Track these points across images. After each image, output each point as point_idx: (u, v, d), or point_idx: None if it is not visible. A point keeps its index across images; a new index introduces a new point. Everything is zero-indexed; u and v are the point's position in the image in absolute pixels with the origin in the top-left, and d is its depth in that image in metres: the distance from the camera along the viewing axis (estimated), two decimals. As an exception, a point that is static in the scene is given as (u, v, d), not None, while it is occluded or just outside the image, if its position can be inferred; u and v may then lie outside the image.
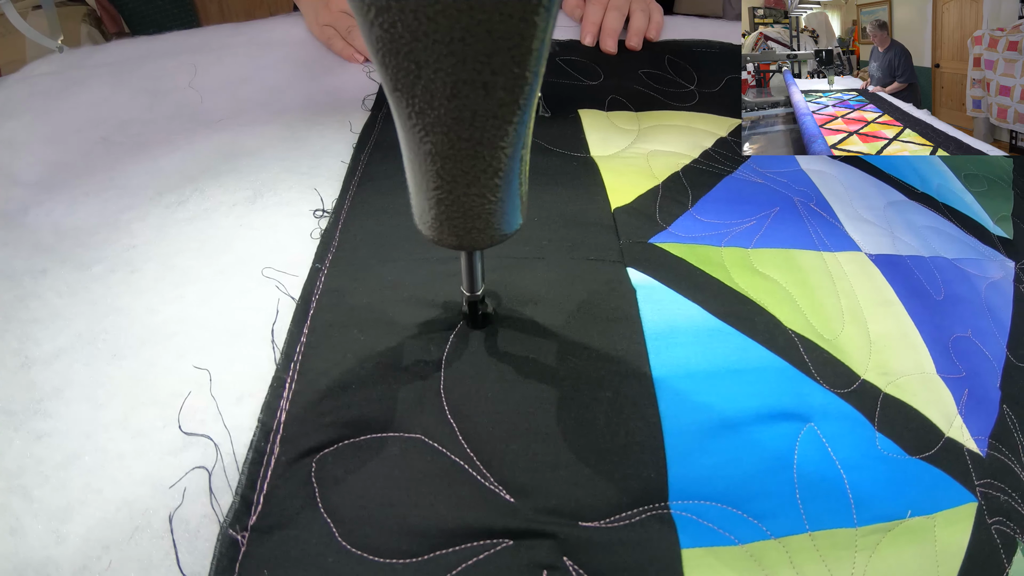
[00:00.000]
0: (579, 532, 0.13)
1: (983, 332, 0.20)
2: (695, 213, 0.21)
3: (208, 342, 0.17)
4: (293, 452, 0.14)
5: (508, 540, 0.13)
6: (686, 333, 0.17)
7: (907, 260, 0.22)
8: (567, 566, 0.13)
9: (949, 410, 0.18)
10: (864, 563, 0.14)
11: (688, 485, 0.14)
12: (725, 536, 0.14)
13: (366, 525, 0.13)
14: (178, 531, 0.13)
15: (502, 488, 0.14)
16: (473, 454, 0.14)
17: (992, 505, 0.16)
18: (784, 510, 0.14)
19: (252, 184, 0.22)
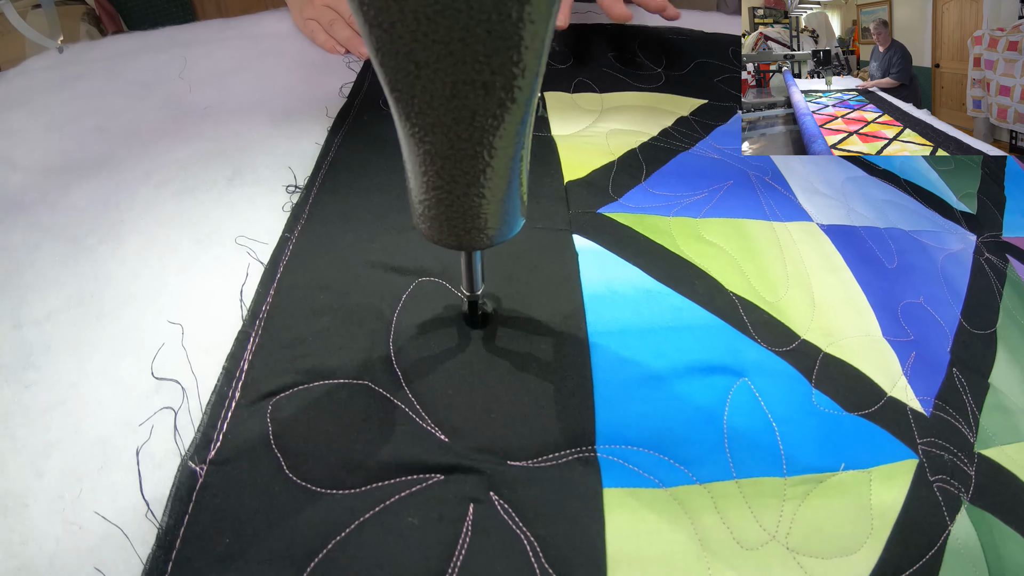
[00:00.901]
0: (506, 470, 0.14)
1: (936, 299, 0.21)
2: (647, 186, 0.23)
3: (184, 302, 0.19)
4: (252, 396, 0.16)
5: (440, 475, 0.14)
6: (624, 294, 0.18)
7: (860, 231, 0.23)
8: (493, 500, 0.14)
9: (893, 371, 0.19)
10: (792, 512, 0.15)
11: (615, 431, 0.15)
12: (649, 479, 0.15)
13: (311, 460, 0.15)
14: (144, 464, 0.15)
15: (437, 429, 0.15)
16: (413, 399, 0.16)
17: (935, 463, 0.17)
18: (711, 457, 0.15)
19: (233, 165, 0.25)
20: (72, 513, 0.15)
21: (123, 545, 0.14)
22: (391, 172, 0.23)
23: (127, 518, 0.15)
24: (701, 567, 0.14)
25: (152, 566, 0.13)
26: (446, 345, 0.17)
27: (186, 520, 0.14)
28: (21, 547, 0.14)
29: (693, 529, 0.14)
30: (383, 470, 0.14)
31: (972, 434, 0.18)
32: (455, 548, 0.13)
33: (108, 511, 0.15)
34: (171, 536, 0.14)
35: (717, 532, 0.14)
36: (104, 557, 0.14)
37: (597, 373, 0.16)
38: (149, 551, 0.14)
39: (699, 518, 0.14)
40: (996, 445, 0.18)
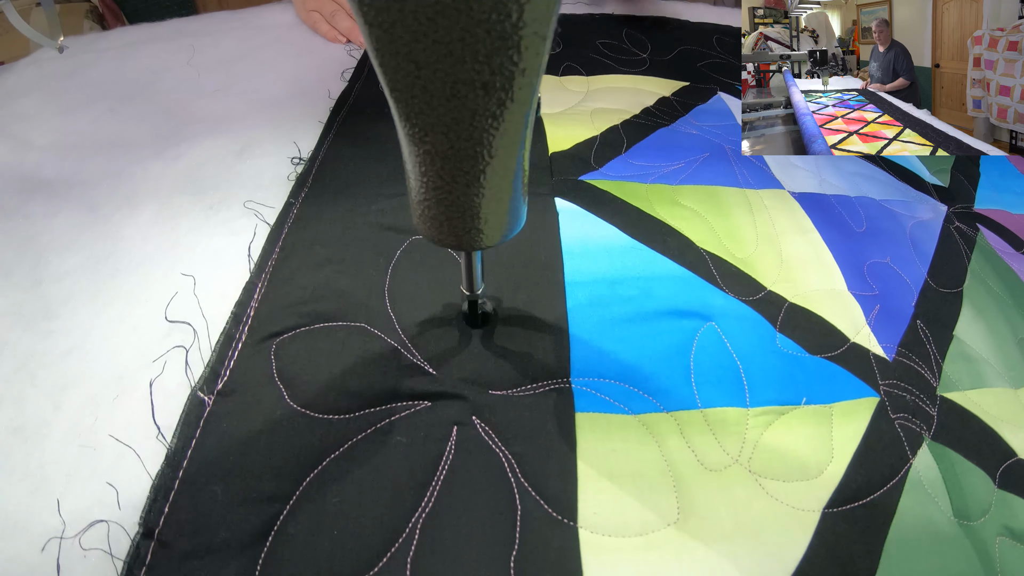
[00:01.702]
0: (488, 398, 0.16)
1: (903, 259, 0.23)
2: (628, 157, 0.25)
3: (195, 259, 0.21)
4: (257, 336, 0.18)
5: (427, 402, 0.16)
6: (600, 248, 0.20)
7: (831, 198, 0.25)
8: (474, 423, 0.16)
9: (857, 320, 0.20)
10: (755, 439, 0.17)
11: (588, 366, 0.17)
12: (618, 406, 0.17)
13: (311, 390, 0.17)
14: (156, 395, 0.17)
15: (427, 364, 0.17)
16: (406, 338, 0.18)
17: (896, 403, 0.19)
18: (678, 389, 0.17)
19: (241, 140, 0.27)
20: (87, 438, 0.17)
21: (135, 464, 0.16)
22: (389, 147, 0.26)
23: (139, 441, 0.17)
24: (666, 484, 0.15)
25: (160, 482, 0.15)
26: (437, 293, 0.19)
27: (193, 443, 0.16)
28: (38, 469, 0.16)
29: (659, 451, 0.16)
30: (376, 398, 0.16)
31: (935, 379, 0.20)
32: (439, 463, 0.15)
33: (123, 435, 0.17)
34: (179, 456, 0.16)
35: (682, 454, 0.16)
36: (117, 474, 0.16)
37: (572, 315, 0.18)
38: (158, 468, 0.16)
39: (665, 441, 0.16)
40: (959, 390, 0.20)
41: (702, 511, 0.15)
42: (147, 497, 0.15)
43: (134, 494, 0.16)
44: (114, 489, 0.16)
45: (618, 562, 0.14)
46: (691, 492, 0.15)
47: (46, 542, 0.15)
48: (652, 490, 0.15)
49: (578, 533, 0.14)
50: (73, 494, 0.16)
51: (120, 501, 0.16)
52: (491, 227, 0.12)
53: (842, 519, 0.15)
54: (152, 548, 0.14)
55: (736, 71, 0.33)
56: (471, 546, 0.14)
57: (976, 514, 0.17)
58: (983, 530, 0.16)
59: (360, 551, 0.14)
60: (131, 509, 0.16)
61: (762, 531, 0.15)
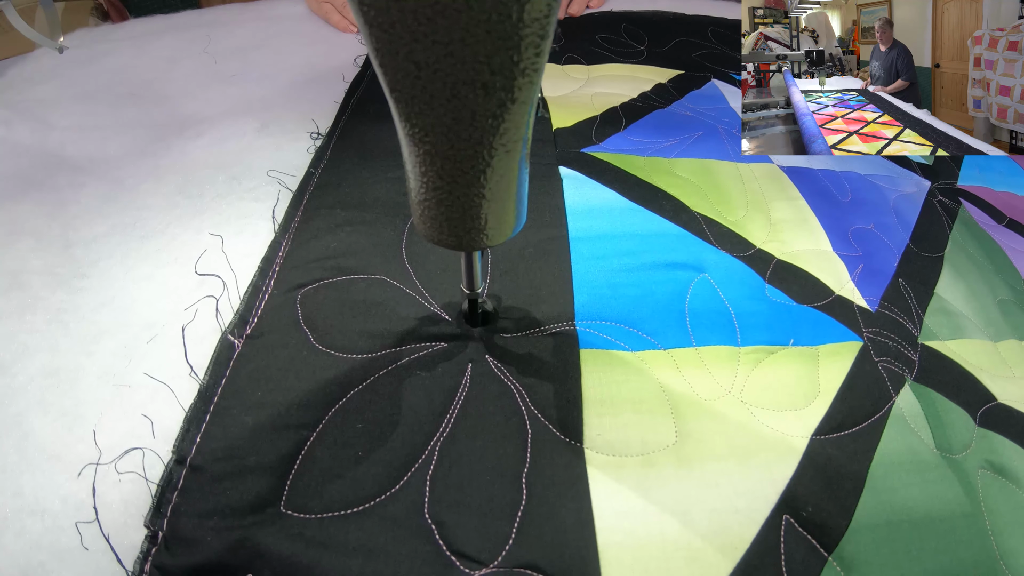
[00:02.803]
0: (499, 340, 0.19)
1: (886, 227, 0.26)
2: (626, 134, 0.28)
3: (222, 222, 0.24)
4: (283, 287, 0.20)
5: (443, 343, 0.19)
6: (601, 209, 0.23)
7: (817, 172, 0.28)
8: (487, 360, 0.18)
9: (842, 277, 0.23)
10: (746, 374, 0.19)
11: (591, 310, 0.20)
12: (619, 344, 0.19)
13: (334, 333, 0.19)
14: (189, 339, 0.20)
15: (443, 311, 0.20)
16: (424, 289, 0.20)
17: (879, 348, 0.21)
18: (674, 330, 0.20)
19: (260, 119, 0.30)
20: (122, 378, 0.19)
21: (168, 399, 0.18)
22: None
23: (172, 379, 0.19)
24: (665, 410, 0.18)
25: (193, 414, 0.17)
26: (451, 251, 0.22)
27: (224, 380, 0.18)
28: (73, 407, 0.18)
29: (658, 382, 0.18)
30: (396, 339, 0.19)
31: (916, 329, 0.22)
32: (456, 393, 0.17)
33: (157, 374, 0.19)
34: (211, 391, 0.18)
35: (679, 385, 0.18)
36: (151, 409, 0.18)
37: (576, 267, 0.21)
38: (191, 402, 0.18)
39: (662, 374, 0.18)
40: (940, 339, 0.22)
41: (697, 435, 0.17)
42: (180, 428, 0.17)
43: (168, 426, 0.18)
44: (149, 420, 0.18)
45: (621, 477, 0.16)
46: (687, 418, 0.17)
47: (82, 468, 0.17)
48: (651, 415, 0.17)
49: (584, 453, 0.16)
50: (108, 427, 0.18)
51: (155, 432, 0.18)
52: (491, 227, 0.13)
53: (829, 444, 0.18)
54: (184, 473, 0.16)
55: (730, 61, 0.36)
56: (485, 465, 0.16)
57: (958, 448, 0.19)
58: (965, 463, 0.18)
59: (383, 470, 0.16)
60: (165, 440, 0.17)
61: (754, 453, 0.17)
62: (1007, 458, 0.19)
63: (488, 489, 0.16)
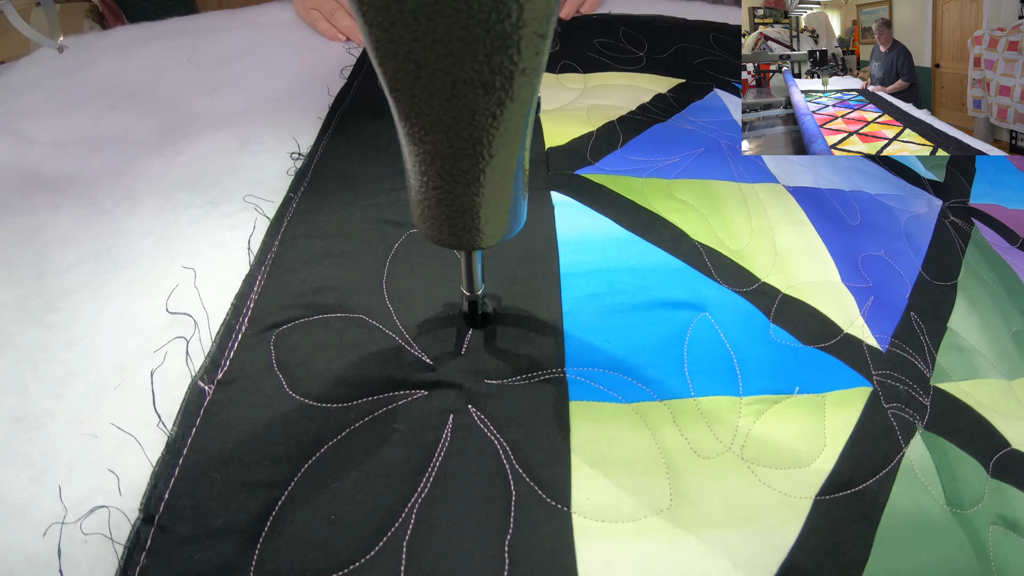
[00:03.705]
0: (483, 387, 0.17)
1: (897, 252, 0.24)
2: (623, 152, 0.26)
3: (196, 252, 0.22)
4: (257, 327, 0.19)
5: (424, 391, 0.17)
6: (595, 240, 0.21)
7: (825, 192, 0.25)
8: (470, 411, 0.16)
9: (851, 312, 0.21)
10: (748, 427, 0.17)
11: (583, 356, 0.18)
12: (612, 395, 0.17)
13: (309, 380, 0.17)
14: (157, 384, 0.18)
15: (424, 354, 0.18)
16: (404, 330, 0.18)
17: (889, 392, 0.19)
18: (671, 379, 0.18)
19: (241, 136, 0.28)
20: (90, 426, 0.17)
21: (136, 452, 0.17)
22: (388, 144, 0.26)
23: (140, 429, 0.17)
24: (658, 470, 0.16)
25: (161, 468, 0.16)
26: (434, 287, 0.20)
27: (194, 431, 0.16)
28: (40, 457, 0.17)
29: (652, 438, 0.16)
30: (373, 387, 0.17)
31: (928, 369, 0.20)
32: (436, 449, 0.16)
33: (124, 424, 0.17)
34: (179, 444, 0.16)
35: (675, 442, 0.16)
36: (118, 461, 0.16)
37: (567, 307, 0.19)
38: (159, 456, 0.16)
39: (658, 429, 0.17)
40: (952, 380, 0.20)
41: (694, 497, 0.15)
42: (148, 483, 0.16)
43: (135, 481, 0.16)
44: (115, 476, 0.16)
45: (611, 547, 0.14)
46: (683, 479, 0.16)
47: (48, 527, 0.15)
48: (645, 476, 0.15)
49: (571, 518, 0.15)
50: (75, 481, 0.16)
51: (121, 488, 0.16)
52: (491, 227, 0.12)
53: (834, 506, 0.16)
54: (152, 533, 0.15)
55: (733, 68, 0.33)
56: (466, 530, 0.14)
57: (969, 502, 0.17)
58: (976, 519, 0.17)
59: (357, 535, 0.14)
60: (132, 495, 0.16)
61: (754, 517, 0.15)
62: (1020, 511, 0.17)
63: (468, 558, 0.14)
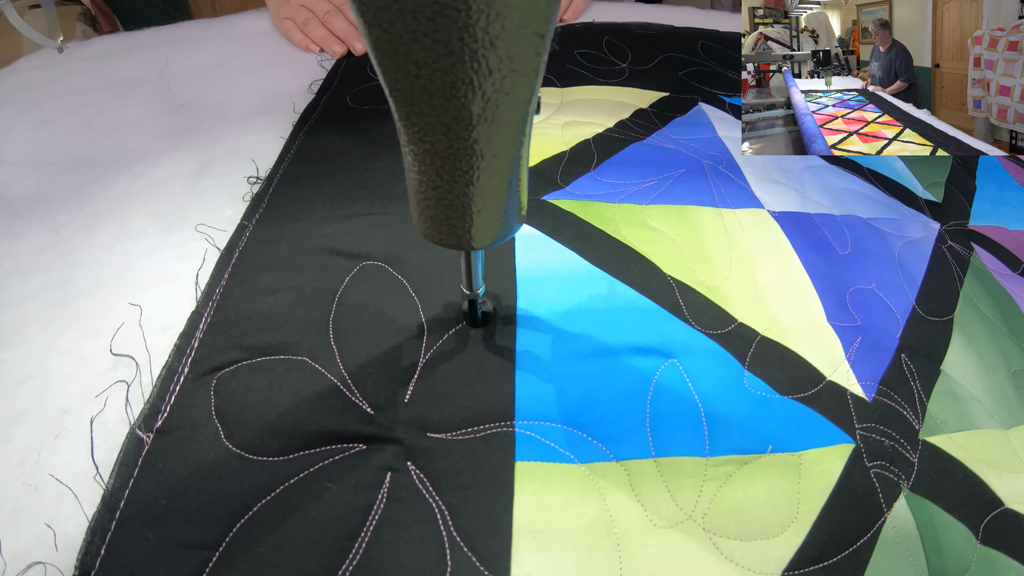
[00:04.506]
0: (425, 441, 0.15)
1: (889, 285, 0.21)
2: (596, 174, 0.23)
3: (145, 286, 0.21)
4: (199, 371, 0.17)
5: (362, 445, 0.15)
6: (557, 276, 0.19)
7: (813, 217, 0.23)
8: (409, 469, 0.15)
9: (835, 355, 0.19)
10: (712, 492, 0.15)
11: (534, 407, 0.16)
12: (564, 454, 0.15)
13: (246, 429, 0.16)
14: (97, 432, 0.17)
15: (364, 403, 0.16)
16: (346, 374, 0.17)
17: (873, 449, 0.17)
18: (630, 436, 0.16)
19: (202, 158, 0.26)
20: (31, 476, 0.16)
21: (73, 505, 0.16)
22: (349, 164, 0.25)
23: (78, 480, 0.16)
24: (609, 542, 0.14)
25: (97, 524, 0.15)
26: (382, 325, 0.18)
27: (131, 483, 0.15)
28: (-15, 506, 0.16)
29: (605, 505, 0.15)
30: (310, 439, 0.16)
31: (918, 421, 0.18)
32: (369, 514, 0.14)
33: (63, 474, 0.16)
34: (116, 497, 0.15)
35: (629, 509, 0.15)
36: (55, 515, 0.16)
37: (520, 351, 0.17)
38: (95, 510, 0.15)
39: (612, 495, 0.15)
40: (944, 432, 0.18)
41: (647, 574, 0.14)
42: (84, 539, 0.15)
43: (71, 536, 0.15)
44: (52, 530, 0.16)
45: (551, 628, 0.13)
46: (636, 552, 0.14)
47: (-13, 583, 0.15)
48: (593, 550, 0.14)
49: (510, 594, 0.13)
50: (14, 534, 0.15)
51: (58, 543, 0.15)
52: (491, 226, 0.12)
53: (802, 582, 0.14)
54: None
55: (721, 79, 0.31)
56: (398, 604, 0.13)
57: (955, 574, 0.15)
58: (961, 592, 0.15)
59: (284, 607, 0.13)
60: (69, 550, 0.15)
61: (712, 595, 0.14)
62: (1011, 581, 0.16)
63: (399, 635, 0.13)
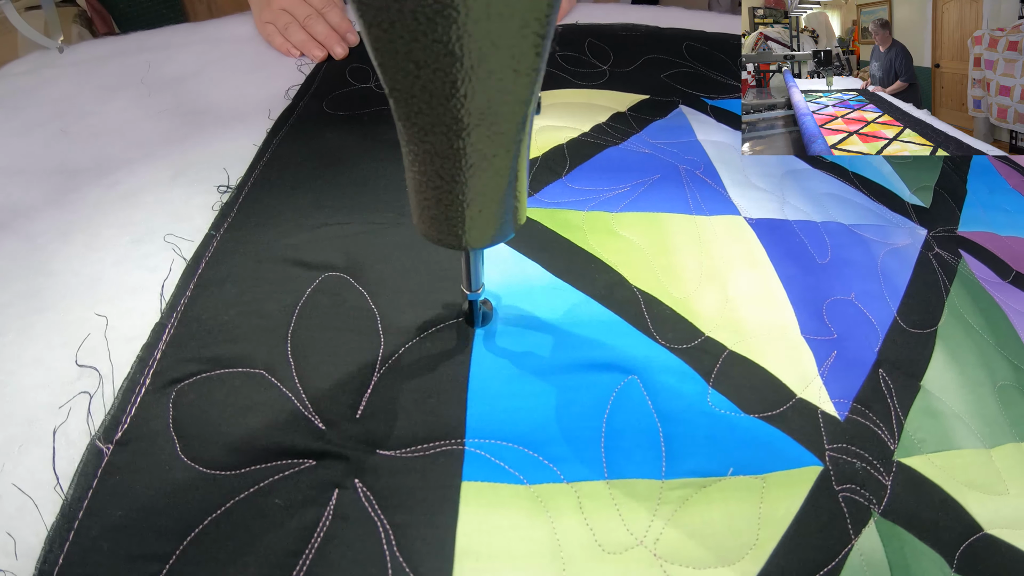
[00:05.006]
0: (374, 459, 0.15)
1: (870, 295, 0.21)
2: (567, 181, 0.23)
3: (113, 296, 0.21)
4: (159, 383, 0.18)
5: (312, 460, 0.15)
6: (518, 289, 0.19)
7: (792, 224, 0.22)
8: (357, 487, 0.15)
9: (808, 371, 0.18)
10: (667, 517, 0.15)
11: (486, 425, 0.16)
12: (513, 475, 0.15)
13: (200, 442, 0.16)
14: (59, 442, 0.17)
15: (317, 417, 0.16)
16: (300, 387, 0.17)
17: (843, 472, 0.16)
18: (584, 456, 0.16)
19: (176, 165, 0.27)
20: (-6, 485, 0.17)
21: (34, 514, 0.16)
22: (318, 172, 0.25)
23: (40, 490, 0.16)
24: (554, 568, 0.14)
25: (55, 533, 0.15)
26: (341, 337, 0.18)
27: (90, 494, 0.16)
28: (-46, 515, 0.17)
29: (552, 528, 0.14)
30: (261, 454, 0.16)
31: (893, 441, 0.18)
32: (314, 531, 0.14)
33: (25, 484, 0.17)
34: (75, 508, 0.15)
35: (578, 533, 0.14)
36: (17, 524, 0.16)
37: (475, 367, 0.17)
38: (54, 520, 0.16)
39: (560, 518, 0.15)
40: (921, 453, 0.18)
41: (591, 599, 0.14)
42: (42, 548, 0.15)
43: (31, 544, 0.16)
44: (12, 539, 0.16)
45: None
46: (581, 577, 0.14)
47: (-53, 590, 0.15)
48: (537, 574, 0.14)
49: (451, 616, 0.13)
50: None
51: (18, 551, 0.16)
52: (491, 226, 0.12)
53: (756, 611, 0.14)
54: None
55: (704, 81, 0.30)
56: (340, 623, 0.13)
57: (923, 603, 0.15)
58: (930, 623, 0.14)
59: (228, 623, 0.14)
60: (28, 559, 0.16)
61: (659, 623, 0.13)
62: (987, 611, 0.15)
63: (339, 654, 0.13)
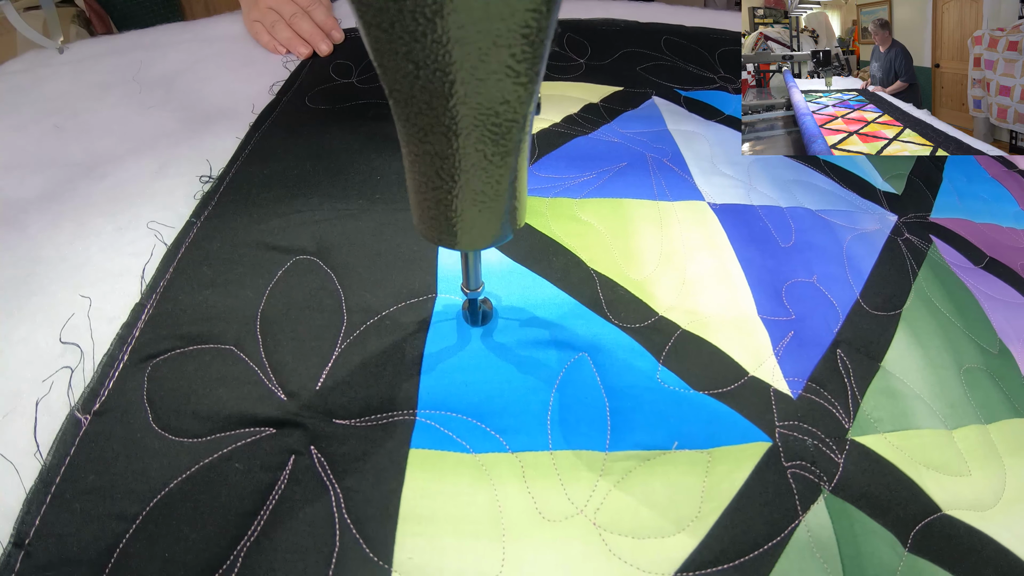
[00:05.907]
0: (329, 427, 0.17)
1: (832, 278, 0.21)
2: (534, 169, 0.24)
3: (98, 279, 0.23)
4: (136, 358, 0.19)
5: (271, 429, 0.17)
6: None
7: (757, 209, 0.23)
8: (312, 453, 0.16)
9: (762, 351, 0.19)
10: (608, 487, 0.16)
11: (437, 398, 0.17)
12: (460, 443, 0.16)
13: (170, 412, 0.18)
14: (41, 413, 0.19)
15: (280, 389, 0.18)
16: (267, 361, 0.18)
17: (793, 449, 0.17)
18: (530, 428, 0.16)
19: (162, 158, 0.29)
20: (-22, 452, 0.19)
21: (15, 479, 0.18)
22: (295, 164, 0.26)
23: (22, 457, 0.18)
24: (494, 532, 0.15)
25: (32, 496, 0.17)
26: (307, 315, 0.19)
27: (67, 460, 0.17)
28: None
29: (495, 495, 0.15)
30: (225, 423, 0.17)
31: (848, 419, 0.18)
32: (270, 494, 0.16)
33: (9, 451, 0.18)
34: (52, 473, 0.17)
35: (519, 501, 0.15)
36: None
37: (431, 343, 0.18)
38: (32, 483, 0.17)
39: (503, 485, 0.16)
40: (877, 432, 0.18)
41: (529, 568, 0.14)
42: (20, 510, 0.17)
43: (10, 507, 0.17)
44: (-7, 500, 0.18)
45: (431, 610, 0.14)
46: (521, 544, 0.15)
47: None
48: (475, 539, 0.15)
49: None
50: None
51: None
52: (491, 227, 0.12)
53: (692, 583, 0.14)
54: (21, 557, 0.16)
55: (679, 73, 0.31)
56: (288, 580, 0.14)
57: (871, 581, 0.15)
58: (878, 603, 0.15)
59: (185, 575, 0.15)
60: (7, 520, 0.17)
61: (594, 588, 0.14)
62: (937, 591, 0.15)
63: (288, 609, 0.14)
